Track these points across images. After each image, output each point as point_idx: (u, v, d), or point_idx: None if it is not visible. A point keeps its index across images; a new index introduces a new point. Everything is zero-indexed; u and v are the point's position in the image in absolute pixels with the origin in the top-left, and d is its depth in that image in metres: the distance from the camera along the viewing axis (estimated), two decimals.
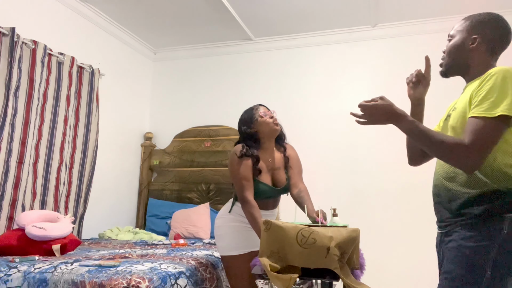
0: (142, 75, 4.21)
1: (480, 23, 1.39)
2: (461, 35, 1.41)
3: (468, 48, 1.38)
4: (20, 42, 2.65)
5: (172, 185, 3.94)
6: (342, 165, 3.59)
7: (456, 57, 1.41)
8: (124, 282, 1.58)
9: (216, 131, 3.93)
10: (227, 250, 2.06)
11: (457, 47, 1.41)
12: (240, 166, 1.98)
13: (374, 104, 1.39)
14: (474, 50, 1.37)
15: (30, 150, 2.75)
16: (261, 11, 3.43)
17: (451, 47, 1.43)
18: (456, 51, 1.41)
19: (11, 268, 1.79)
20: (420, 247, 3.27)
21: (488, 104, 1.19)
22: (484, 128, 1.17)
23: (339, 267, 1.51)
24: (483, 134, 1.17)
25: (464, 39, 1.39)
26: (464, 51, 1.39)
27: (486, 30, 1.37)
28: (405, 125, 1.33)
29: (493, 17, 1.41)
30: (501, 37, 1.37)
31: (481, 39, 1.36)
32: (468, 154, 1.18)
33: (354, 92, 3.66)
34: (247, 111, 2.15)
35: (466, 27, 1.41)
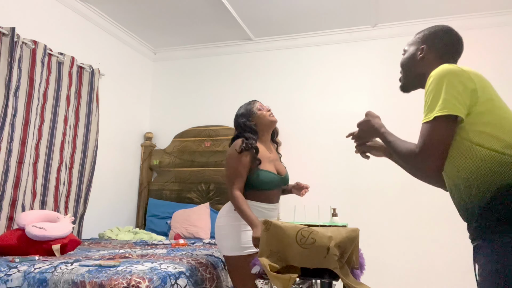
0: (142, 75, 4.21)
1: (428, 34, 1.44)
2: (411, 48, 1.48)
3: (418, 59, 1.43)
4: (20, 42, 2.65)
5: (172, 185, 3.94)
6: (341, 165, 3.59)
7: (409, 69, 1.47)
8: (124, 282, 1.58)
9: (216, 131, 3.93)
10: (232, 250, 2.02)
11: (408, 60, 1.47)
12: (237, 161, 2.04)
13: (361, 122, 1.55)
14: (423, 59, 1.42)
15: (30, 150, 2.75)
16: (261, 11, 3.43)
17: (403, 61, 1.50)
18: (408, 64, 1.48)
19: (11, 268, 1.79)
20: (420, 247, 3.27)
21: (426, 109, 1.23)
22: (426, 133, 1.20)
23: (338, 267, 1.51)
24: (426, 139, 1.19)
25: (414, 51, 1.45)
26: (415, 62, 1.44)
27: (433, 39, 1.42)
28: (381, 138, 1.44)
29: (441, 27, 1.44)
30: (448, 44, 1.41)
31: (428, 48, 1.41)
32: (419, 160, 1.20)
33: (354, 92, 3.66)
34: (244, 105, 2.25)
35: (416, 40, 1.47)
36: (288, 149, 3.74)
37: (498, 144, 1.14)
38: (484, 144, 1.16)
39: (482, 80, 1.24)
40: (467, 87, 1.19)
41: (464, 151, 1.19)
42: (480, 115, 1.19)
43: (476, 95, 1.19)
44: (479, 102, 1.19)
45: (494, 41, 3.36)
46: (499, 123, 1.18)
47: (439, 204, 3.23)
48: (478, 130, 1.18)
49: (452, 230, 3.15)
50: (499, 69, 3.31)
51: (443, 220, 3.19)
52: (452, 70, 1.22)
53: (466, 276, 2.02)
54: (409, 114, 3.34)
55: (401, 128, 3.08)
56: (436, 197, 3.26)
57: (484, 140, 1.16)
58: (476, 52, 3.38)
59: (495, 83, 3.60)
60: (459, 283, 3.04)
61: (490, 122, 1.18)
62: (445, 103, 1.18)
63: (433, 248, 3.22)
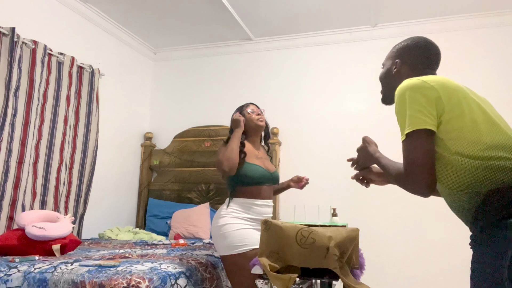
0: (142, 75, 4.21)
1: (401, 48, 1.46)
2: (387, 62, 1.50)
3: (393, 73, 1.45)
4: (20, 42, 2.65)
5: (172, 185, 3.94)
6: (341, 165, 3.57)
7: (386, 83, 1.50)
8: (124, 282, 1.58)
9: (216, 131, 3.93)
10: (228, 249, 2.05)
11: (385, 75, 1.51)
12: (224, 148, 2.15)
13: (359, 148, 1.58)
14: (397, 73, 1.43)
15: (30, 150, 2.75)
16: (261, 11, 3.43)
17: (381, 75, 1.53)
18: (385, 78, 1.51)
19: (11, 268, 1.79)
20: (420, 247, 3.27)
21: (401, 130, 1.22)
22: (405, 153, 1.19)
23: (338, 267, 1.51)
24: (407, 159, 1.18)
25: (390, 65, 1.48)
26: (390, 76, 1.47)
27: (406, 52, 1.43)
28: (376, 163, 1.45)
29: (412, 40, 1.46)
30: (419, 56, 1.40)
31: (401, 61, 1.43)
32: (409, 181, 1.18)
33: (354, 92, 3.66)
34: (239, 107, 2.39)
35: (391, 54, 1.49)
36: (288, 149, 3.74)
37: (476, 148, 1.12)
38: (463, 152, 1.13)
39: (447, 87, 1.20)
40: (430, 97, 1.17)
41: (445, 164, 1.17)
42: (452, 121, 1.16)
43: (442, 103, 1.17)
44: (446, 109, 1.16)
45: (494, 41, 3.36)
46: (474, 126, 1.15)
47: (439, 204, 3.22)
48: (454, 137, 1.15)
49: (452, 230, 3.15)
50: (499, 69, 3.31)
51: (443, 220, 3.19)
52: (411, 84, 1.21)
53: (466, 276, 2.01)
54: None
55: None
56: (436, 197, 3.26)
57: (462, 147, 1.14)
58: (476, 52, 3.38)
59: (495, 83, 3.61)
60: (459, 283, 3.04)
61: (463, 127, 1.15)
62: (411, 119, 1.17)
63: (433, 248, 3.22)
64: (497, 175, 1.08)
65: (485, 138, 1.13)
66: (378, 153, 1.46)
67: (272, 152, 3.67)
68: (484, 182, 1.10)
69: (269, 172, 2.25)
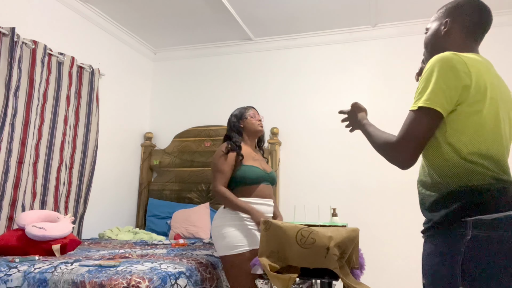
0: (142, 75, 4.21)
1: (452, 7, 1.33)
2: (434, 24, 1.36)
3: (442, 33, 1.31)
4: (20, 42, 2.65)
5: (172, 185, 3.94)
6: (341, 165, 3.59)
7: (433, 46, 1.35)
8: (124, 282, 1.58)
9: (216, 131, 3.93)
10: (228, 249, 2.06)
11: (432, 36, 1.36)
12: (222, 160, 2.19)
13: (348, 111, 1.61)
14: (447, 33, 1.30)
15: (30, 150, 2.75)
16: (261, 11, 3.43)
17: (427, 38, 1.39)
18: (431, 41, 1.36)
19: (11, 268, 1.79)
20: (420, 247, 3.27)
21: (416, 97, 1.18)
22: (408, 122, 1.17)
23: (338, 267, 1.51)
24: (407, 129, 1.17)
25: (438, 26, 1.34)
26: (439, 37, 1.33)
27: (457, 11, 1.30)
28: (361, 130, 1.46)
29: (466, 0, 1.33)
30: (474, 16, 1.29)
31: (452, 21, 1.30)
32: (395, 151, 1.19)
33: (354, 92, 3.66)
34: (240, 108, 2.44)
35: (439, 15, 1.36)
36: (288, 149, 3.74)
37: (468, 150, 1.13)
38: (455, 146, 1.14)
39: (482, 78, 1.15)
40: (460, 82, 1.12)
41: (435, 146, 1.18)
42: (464, 114, 1.13)
43: (467, 93, 1.12)
44: (468, 102, 1.13)
45: (494, 41, 3.36)
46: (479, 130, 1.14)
47: None
48: (456, 129, 1.14)
49: None
50: (499, 69, 3.30)
51: None
52: (449, 59, 1.14)
53: None
54: None
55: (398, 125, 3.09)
56: None
57: (457, 142, 1.14)
58: None
59: None
60: None
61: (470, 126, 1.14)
62: (431, 94, 1.13)
63: None
64: (473, 177, 1.11)
65: (482, 147, 1.13)
66: (365, 120, 1.47)
67: (272, 152, 3.67)
68: (458, 178, 1.12)
69: (266, 172, 2.28)
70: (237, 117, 2.38)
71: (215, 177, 2.18)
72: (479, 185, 1.10)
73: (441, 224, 1.15)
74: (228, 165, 2.18)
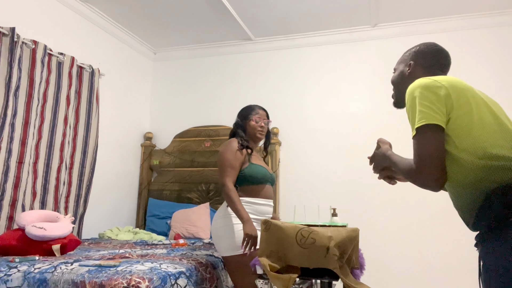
0: (142, 75, 4.21)
1: (415, 51, 1.49)
2: (400, 66, 1.53)
3: (407, 74, 1.47)
4: (20, 42, 2.65)
5: (172, 185, 3.94)
6: (341, 165, 3.59)
7: (399, 85, 1.50)
8: (124, 282, 1.58)
9: (216, 131, 3.93)
10: (229, 250, 2.05)
11: (398, 77, 1.52)
12: (234, 155, 2.16)
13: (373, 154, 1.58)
14: (411, 74, 1.45)
15: (30, 150, 2.75)
16: (261, 11, 3.43)
17: (394, 78, 1.54)
18: (398, 80, 1.52)
19: (11, 268, 1.79)
20: (420, 247, 3.27)
21: (412, 125, 1.24)
22: (415, 147, 1.20)
23: (338, 267, 1.51)
24: (418, 153, 1.19)
25: (403, 68, 1.50)
26: (404, 78, 1.48)
27: (420, 54, 1.47)
28: (388, 162, 1.46)
29: (427, 44, 1.50)
30: (434, 58, 1.44)
31: (415, 63, 1.46)
32: (419, 177, 1.20)
33: (354, 92, 3.67)
34: (249, 107, 2.37)
35: (404, 58, 1.52)
36: (288, 149, 3.74)
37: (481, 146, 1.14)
38: (469, 150, 1.15)
39: (456, 86, 1.23)
40: (439, 94, 1.20)
41: (452, 161, 1.19)
42: (460, 118, 1.18)
43: (451, 100, 1.19)
44: (455, 106, 1.19)
45: (494, 41, 3.36)
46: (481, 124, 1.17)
47: (439, 204, 3.23)
48: (461, 134, 1.17)
49: (453, 230, 3.15)
50: (499, 69, 3.31)
51: (443, 220, 3.19)
52: (421, 82, 1.24)
53: (466, 276, 2.02)
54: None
55: (401, 128, 3.08)
56: (437, 197, 3.26)
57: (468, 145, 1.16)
58: (475, 52, 3.38)
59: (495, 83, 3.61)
60: (459, 283, 3.05)
61: (471, 125, 1.17)
62: (421, 114, 1.19)
63: (433, 248, 3.22)
64: (499, 174, 1.10)
65: (491, 138, 1.15)
66: (390, 151, 1.49)
67: (272, 152, 3.67)
68: (487, 181, 1.11)
69: (269, 173, 2.29)
70: (242, 116, 2.35)
71: (225, 171, 2.14)
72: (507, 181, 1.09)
73: (492, 231, 1.12)
74: (239, 161, 2.17)
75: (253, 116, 2.30)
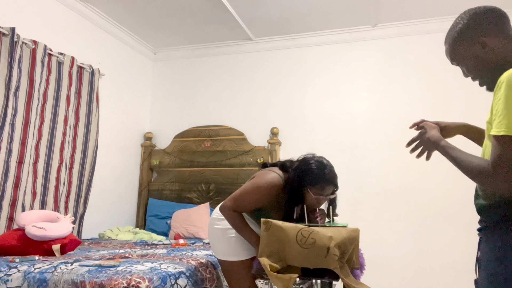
0: (142, 75, 4.21)
1: (468, 27, 1.22)
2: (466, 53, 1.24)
3: (485, 56, 1.20)
4: (20, 42, 2.65)
5: (172, 185, 3.94)
6: (341, 165, 3.57)
7: (483, 71, 1.22)
8: (124, 282, 1.58)
9: (216, 131, 3.93)
10: (226, 255, 1.99)
11: (475, 66, 1.23)
12: (268, 191, 1.84)
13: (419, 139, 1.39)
14: (491, 51, 1.18)
15: (30, 150, 2.75)
16: (261, 11, 3.43)
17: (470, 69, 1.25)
18: (478, 67, 1.23)
19: (11, 268, 1.79)
20: (420, 247, 3.27)
21: (497, 118, 1.05)
22: (498, 149, 1.03)
23: (338, 267, 1.51)
24: (501, 155, 1.02)
25: (473, 52, 1.22)
26: (483, 61, 1.20)
27: (479, 25, 1.20)
28: (440, 151, 1.26)
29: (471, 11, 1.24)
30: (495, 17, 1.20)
31: (484, 35, 1.19)
32: (494, 179, 1.04)
33: (354, 92, 3.66)
34: (321, 175, 1.83)
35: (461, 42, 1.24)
36: (288, 149, 3.74)
37: None
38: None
39: None
40: None
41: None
42: None
43: None
44: None
45: None
46: None
47: (439, 204, 3.23)
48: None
49: (453, 230, 3.15)
50: None
51: (443, 220, 3.19)
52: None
53: (466, 276, 2.01)
54: (410, 114, 3.34)
55: (401, 129, 3.08)
56: (437, 197, 3.26)
57: None
58: None
59: None
60: (459, 283, 3.04)
61: None
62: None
63: (433, 248, 3.22)
64: None
65: None
66: (443, 141, 1.26)
67: (272, 152, 3.67)
68: None
69: None
70: (309, 178, 1.82)
71: (245, 201, 1.85)
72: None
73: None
74: (266, 200, 1.85)
75: (317, 192, 1.83)
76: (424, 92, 3.40)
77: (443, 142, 1.26)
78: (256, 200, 1.86)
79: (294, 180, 1.85)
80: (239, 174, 3.74)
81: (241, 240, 1.95)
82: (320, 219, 1.90)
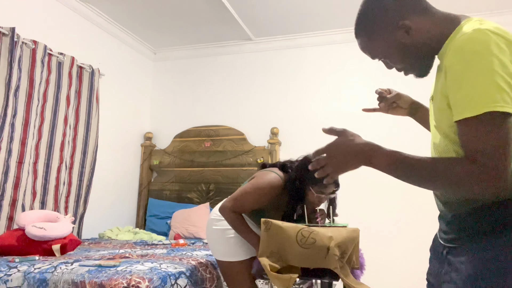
0: (142, 75, 4.21)
1: (381, 12, 1.05)
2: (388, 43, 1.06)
3: (407, 38, 1.00)
4: (20, 42, 2.65)
5: (172, 185, 3.94)
6: None
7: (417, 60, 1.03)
8: (124, 282, 1.58)
9: (216, 131, 3.93)
10: (225, 255, 1.98)
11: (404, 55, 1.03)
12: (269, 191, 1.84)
13: (330, 144, 1.04)
14: (417, 33, 0.99)
15: (30, 150, 2.75)
16: (261, 11, 3.43)
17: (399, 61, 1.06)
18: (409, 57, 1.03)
19: (11, 268, 1.79)
20: (420, 247, 3.27)
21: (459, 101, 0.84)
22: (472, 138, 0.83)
23: (339, 267, 1.51)
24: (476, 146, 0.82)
25: (397, 40, 1.02)
26: (414, 47, 1.00)
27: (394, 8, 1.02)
28: (382, 161, 0.99)
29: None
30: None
31: (404, 18, 1.00)
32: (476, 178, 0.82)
33: (354, 92, 3.66)
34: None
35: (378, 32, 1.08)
36: (288, 149, 3.74)
37: None
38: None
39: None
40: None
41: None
42: None
43: None
44: None
45: None
46: None
47: None
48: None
49: None
50: None
51: None
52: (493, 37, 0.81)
53: None
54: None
55: (401, 129, 3.08)
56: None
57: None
58: None
59: None
60: None
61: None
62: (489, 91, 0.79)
63: None
64: None
65: None
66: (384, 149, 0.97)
67: (272, 152, 3.67)
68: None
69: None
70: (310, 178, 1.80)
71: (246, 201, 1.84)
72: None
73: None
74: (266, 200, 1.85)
75: (319, 190, 1.84)
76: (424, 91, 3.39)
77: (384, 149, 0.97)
78: (256, 200, 1.86)
79: (295, 179, 1.86)
80: (239, 174, 3.74)
81: (240, 240, 1.94)
82: (320, 219, 1.91)
